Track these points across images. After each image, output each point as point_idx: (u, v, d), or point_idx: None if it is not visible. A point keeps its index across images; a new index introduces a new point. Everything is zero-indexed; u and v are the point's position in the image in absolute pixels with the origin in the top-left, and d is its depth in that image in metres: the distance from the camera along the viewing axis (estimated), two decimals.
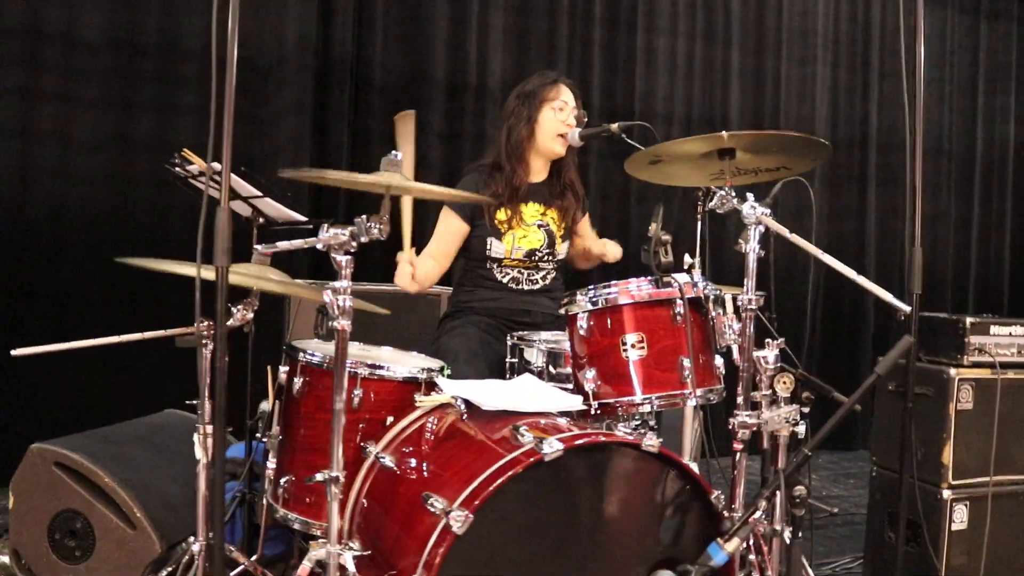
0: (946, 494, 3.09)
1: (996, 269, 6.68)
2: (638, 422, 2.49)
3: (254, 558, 2.58)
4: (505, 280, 2.95)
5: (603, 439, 1.92)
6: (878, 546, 3.31)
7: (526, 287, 2.97)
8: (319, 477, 1.90)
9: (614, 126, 2.76)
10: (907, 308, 2.00)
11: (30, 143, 4.04)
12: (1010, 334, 3.25)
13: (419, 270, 2.71)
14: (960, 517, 3.11)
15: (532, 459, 1.81)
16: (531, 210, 2.98)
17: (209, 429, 2.09)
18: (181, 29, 4.28)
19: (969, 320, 3.17)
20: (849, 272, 2.12)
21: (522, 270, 2.96)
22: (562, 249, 3.02)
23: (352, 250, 1.93)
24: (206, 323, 2.01)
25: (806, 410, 2.33)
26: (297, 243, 1.97)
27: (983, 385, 3.15)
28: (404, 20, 4.83)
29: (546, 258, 2.99)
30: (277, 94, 4.52)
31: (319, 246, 1.91)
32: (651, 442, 1.88)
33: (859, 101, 6.02)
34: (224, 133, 1.81)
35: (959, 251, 6.53)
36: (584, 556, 1.92)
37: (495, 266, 2.95)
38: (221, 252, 1.76)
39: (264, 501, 2.55)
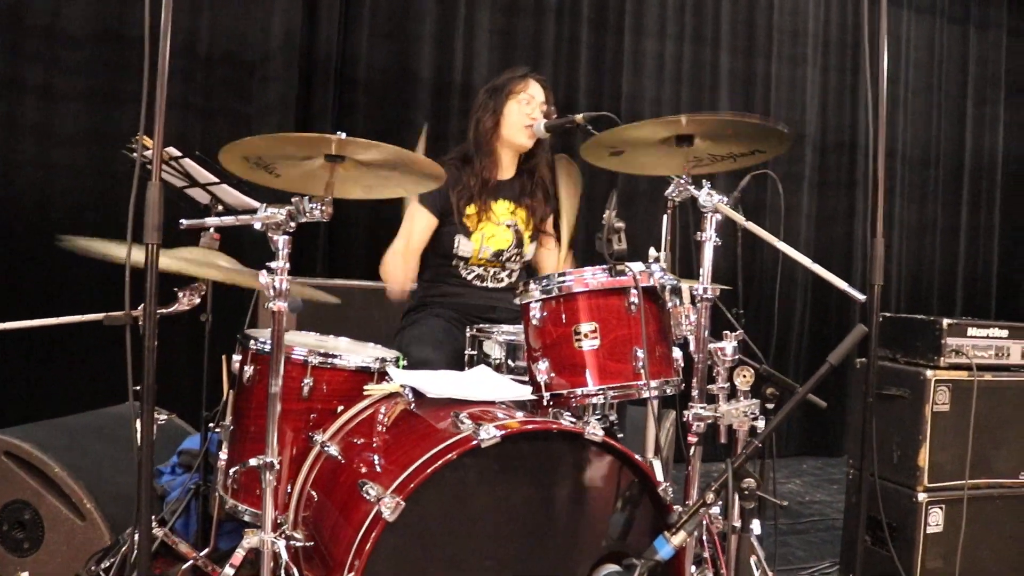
0: (922, 497, 3.04)
1: (984, 277, 6.63)
2: (599, 416, 2.43)
3: (205, 552, 2.54)
4: (470, 277, 2.91)
5: (542, 426, 1.87)
6: (854, 549, 3.24)
7: (491, 284, 2.93)
8: (253, 462, 1.85)
9: (579, 117, 2.72)
10: (862, 297, 1.94)
11: None
12: (987, 336, 3.20)
13: (400, 269, 2.67)
14: (936, 520, 3.06)
15: (468, 446, 1.76)
16: (501, 207, 2.93)
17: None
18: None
19: (946, 322, 3.12)
20: (806, 261, 2.07)
21: (488, 268, 2.92)
22: (530, 250, 2.98)
23: (290, 230, 1.89)
24: (141, 307, 1.96)
25: (770, 406, 2.27)
26: (228, 220, 1.92)
27: (960, 387, 3.10)
28: (391, 18, 4.80)
29: (513, 258, 2.95)
30: (262, 91, 4.48)
31: (256, 225, 1.87)
32: (594, 431, 1.83)
33: (848, 104, 5.98)
34: (156, 113, 1.77)
35: (947, 259, 6.49)
36: (525, 547, 1.87)
37: (461, 264, 2.91)
38: (151, 228, 1.72)
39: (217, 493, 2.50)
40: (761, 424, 2.18)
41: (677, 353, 2.26)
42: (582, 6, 5.20)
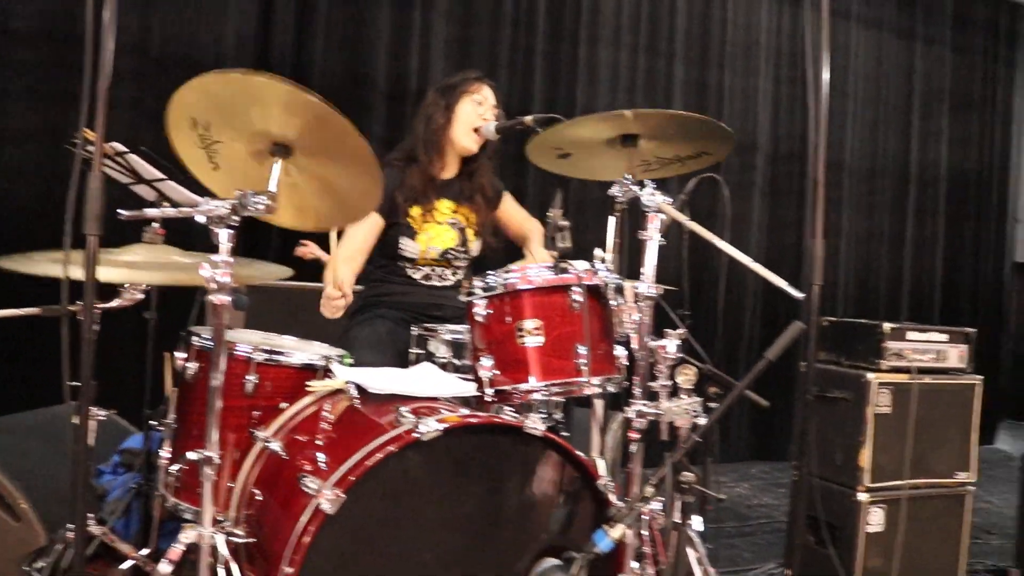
0: (862, 497, 3.09)
1: (928, 285, 6.81)
2: (544, 414, 2.44)
3: (146, 552, 2.50)
4: (417, 277, 2.91)
5: (483, 421, 1.88)
6: (798, 550, 3.29)
7: (438, 283, 2.94)
8: (191, 456, 1.84)
9: (528, 118, 2.73)
10: (799, 294, 1.98)
11: None
12: (927, 340, 3.28)
13: (346, 282, 2.62)
14: (876, 520, 3.11)
15: (409, 439, 1.77)
16: (444, 206, 2.94)
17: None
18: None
19: (887, 326, 3.19)
20: (747, 260, 2.11)
21: (435, 268, 2.93)
22: (475, 247, 2.99)
23: (234, 224, 1.88)
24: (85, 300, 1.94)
25: (713, 405, 2.30)
26: (170, 211, 1.91)
27: (900, 390, 3.17)
28: (346, 24, 4.80)
29: (460, 257, 2.95)
30: None
31: (199, 218, 1.86)
32: (534, 425, 1.84)
33: (799, 115, 6.10)
34: (97, 103, 1.76)
35: (893, 267, 6.64)
36: (466, 541, 1.87)
37: (408, 264, 2.91)
38: (92, 219, 1.70)
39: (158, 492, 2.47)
40: (703, 422, 2.21)
41: (621, 351, 2.29)
42: (538, 16, 5.24)
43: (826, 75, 2.14)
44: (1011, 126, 7.54)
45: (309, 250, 4.22)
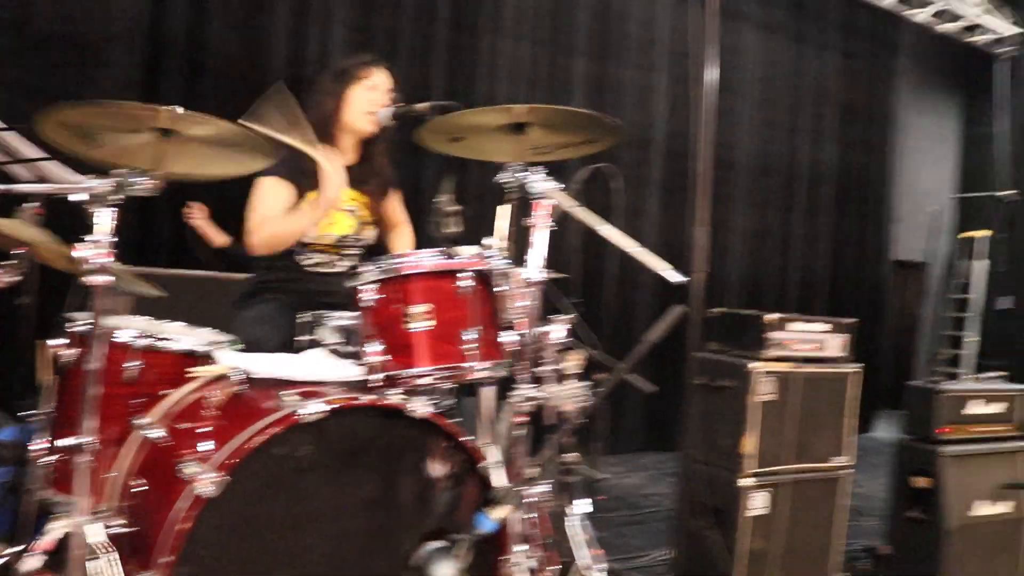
0: (745, 482, 3.20)
1: (815, 280, 7.09)
2: (435, 400, 2.45)
3: (19, 547, 2.40)
4: (309, 263, 2.87)
5: (367, 403, 1.88)
6: (684, 534, 3.39)
7: (330, 270, 2.90)
8: (65, 442, 1.78)
9: (425, 105, 2.72)
10: (677, 279, 2.04)
11: None
12: (808, 331, 3.41)
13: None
14: (758, 503, 3.23)
15: (291, 421, 1.75)
16: (341, 193, 2.90)
17: None
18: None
19: (768, 316, 3.31)
20: (625, 243, 2.15)
21: (328, 254, 2.89)
22: (369, 234, 2.97)
23: (117, 203, 1.82)
24: None
25: (600, 390, 2.35)
26: (46, 187, 1.85)
27: (782, 378, 3.29)
28: (243, 7, 4.71)
29: (354, 244, 2.93)
30: (103, 74, 4.30)
31: (77, 197, 1.80)
32: (415, 407, 1.85)
33: (693, 113, 6.24)
34: None
35: (782, 262, 6.89)
36: (350, 524, 1.87)
37: (299, 250, 2.86)
38: None
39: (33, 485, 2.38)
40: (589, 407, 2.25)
41: (509, 337, 2.30)
42: (439, 4, 5.24)
43: (713, 73, 2.21)
44: (891, 130, 7.92)
45: (195, 213, 4.11)
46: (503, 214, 2.50)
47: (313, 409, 1.75)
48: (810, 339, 3.42)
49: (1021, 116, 7.79)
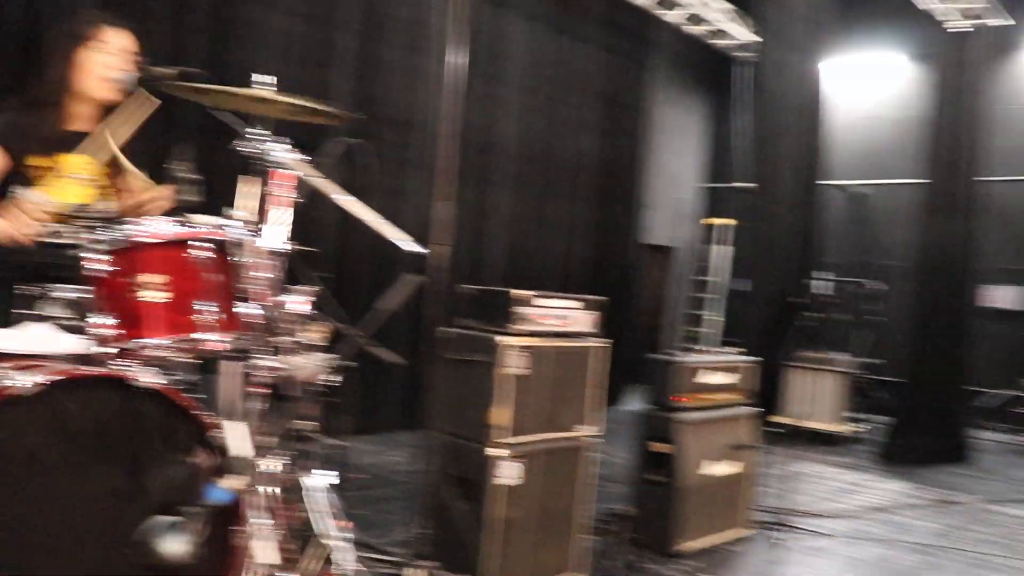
0: (493, 452, 3.32)
1: (575, 261, 7.47)
2: (174, 374, 2.37)
3: None
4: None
5: (88, 374, 1.80)
6: (433, 506, 3.48)
7: (56, 241, 2.70)
8: None
9: (172, 70, 2.58)
10: (412, 248, 2.10)
11: None
12: (555, 307, 3.58)
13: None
14: (507, 472, 3.36)
15: (4, 395, 1.64)
16: (76, 161, 2.71)
17: None
18: None
19: (516, 292, 3.45)
20: (363, 214, 2.19)
21: (58, 224, 2.69)
22: (106, 206, 2.79)
23: None
24: None
25: (349, 363, 2.37)
26: None
27: (535, 352, 3.44)
28: None
29: (86, 215, 2.74)
30: None
31: None
32: (143, 377, 1.79)
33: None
34: None
35: (541, 245, 7.20)
36: (74, 500, 1.78)
37: None
38: None
39: None
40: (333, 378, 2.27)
41: (248, 308, 2.26)
42: None
43: (462, 57, 2.26)
44: (645, 122, 8.46)
45: None
46: (247, 184, 2.46)
47: (31, 381, 1.65)
48: (558, 315, 3.59)
49: (759, 115, 8.54)
